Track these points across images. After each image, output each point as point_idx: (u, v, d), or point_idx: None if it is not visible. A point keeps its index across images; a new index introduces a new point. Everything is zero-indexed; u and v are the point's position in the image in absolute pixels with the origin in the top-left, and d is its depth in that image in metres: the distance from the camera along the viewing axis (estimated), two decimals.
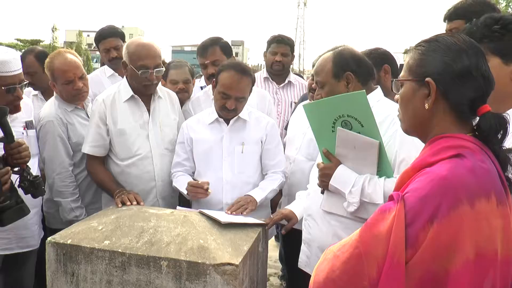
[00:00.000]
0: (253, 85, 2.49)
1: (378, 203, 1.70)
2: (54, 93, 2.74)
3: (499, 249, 1.09)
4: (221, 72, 2.43)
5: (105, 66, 3.65)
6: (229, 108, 2.39)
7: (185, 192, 2.39)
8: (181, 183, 2.45)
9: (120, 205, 2.27)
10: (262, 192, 2.42)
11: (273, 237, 4.42)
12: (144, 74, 2.46)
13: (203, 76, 3.79)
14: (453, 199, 1.04)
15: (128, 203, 2.29)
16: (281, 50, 3.61)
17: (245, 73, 2.40)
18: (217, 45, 3.03)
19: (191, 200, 2.50)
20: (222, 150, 2.47)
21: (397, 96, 1.28)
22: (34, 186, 2.10)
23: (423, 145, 1.29)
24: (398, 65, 2.45)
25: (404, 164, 1.72)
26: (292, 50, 3.72)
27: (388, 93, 2.07)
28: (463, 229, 1.03)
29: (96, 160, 2.57)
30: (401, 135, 1.74)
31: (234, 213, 2.22)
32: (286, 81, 3.71)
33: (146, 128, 2.57)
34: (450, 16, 2.30)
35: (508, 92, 1.47)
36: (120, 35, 3.63)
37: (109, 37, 3.56)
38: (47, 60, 2.71)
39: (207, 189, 2.29)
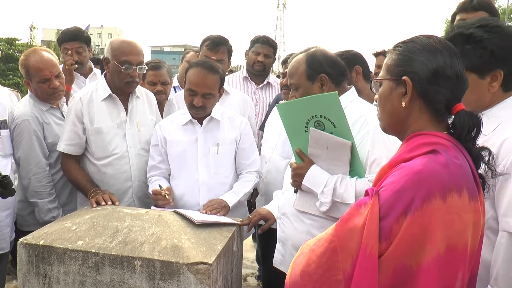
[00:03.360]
0: (221, 83, 2.47)
1: (349, 203, 1.73)
2: (29, 91, 2.70)
3: (469, 243, 1.12)
4: (189, 69, 2.43)
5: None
6: (196, 105, 2.37)
7: None
8: None
9: (95, 205, 2.25)
10: (235, 196, 2.42)
11: (251, 238, 4.41)
12: (127, 70, 2.44)
13: (176, 76, 3.79)
14: (426, 192, 1.06)
15: (103, 203, 2.26)
16: (264, 51, 3.61)
17: (212, 70, 2.40)
18: (227, 46, 3.15)
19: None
20: (197, 151, 2.46)
21: (376, 96, 1.31)
22: (2, 185, 2.06)
23: (394, 145, 1.32)
24: (371, 67, 2.48)
25: (376, 164, 1.75)
26: (275, 53, 3.73)
27: (360, 94, 2.09)
28: (435, 222, 1.06)
29: (71, 159, 2.54)
30: (373, 136, 1.78)
31: (209, 212, 2.22)
32: (265, 82, 3.72)
33: (123, 127, 2.55)
34: (474, 6, 2.23)
35: (488, 102, 1.54)
36: (85, 40, 3.46)
37: (71, 40, 3.40)
38: (22, 57, 2.65)
39: (166, 196, 2.25)
